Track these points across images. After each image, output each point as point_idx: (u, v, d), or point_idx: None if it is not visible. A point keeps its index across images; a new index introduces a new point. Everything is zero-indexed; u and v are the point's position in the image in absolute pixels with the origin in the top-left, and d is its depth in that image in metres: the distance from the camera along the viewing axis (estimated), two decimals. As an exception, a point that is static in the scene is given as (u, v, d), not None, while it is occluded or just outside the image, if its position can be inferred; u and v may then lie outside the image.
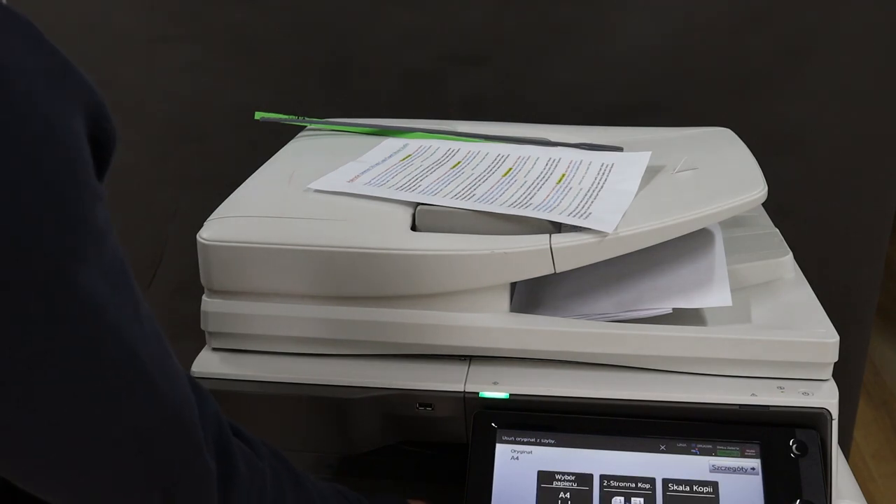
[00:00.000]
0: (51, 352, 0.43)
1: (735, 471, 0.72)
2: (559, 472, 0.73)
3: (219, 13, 1.33)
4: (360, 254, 0.76)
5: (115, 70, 1.35)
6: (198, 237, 0.78)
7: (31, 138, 0.40)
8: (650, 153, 0.89)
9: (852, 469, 0.87)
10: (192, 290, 0.82)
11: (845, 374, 0.81)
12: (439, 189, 0.83)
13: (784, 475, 0.72)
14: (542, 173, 0.88)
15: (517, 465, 0.74)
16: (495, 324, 0.78)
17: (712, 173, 0.85)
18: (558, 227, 0.77)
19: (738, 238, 0.91)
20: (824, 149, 1.35)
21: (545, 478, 0.73)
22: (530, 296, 0.84)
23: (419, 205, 0.80)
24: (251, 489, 0.57)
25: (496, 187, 0.84)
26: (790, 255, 0.90)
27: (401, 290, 0.77)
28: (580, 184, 0.84)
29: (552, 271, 0.75)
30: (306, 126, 1.07)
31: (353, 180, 0.86)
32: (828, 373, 0.76)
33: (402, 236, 0.77)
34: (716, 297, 0.77)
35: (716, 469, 0.72)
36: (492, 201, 0.80)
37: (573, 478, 0.73)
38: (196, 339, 0.82)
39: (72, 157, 0.42)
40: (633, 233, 0.74)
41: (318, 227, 0.78)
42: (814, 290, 0.85)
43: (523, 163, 0.91)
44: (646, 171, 0.85)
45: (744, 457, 0.73)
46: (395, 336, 0.79)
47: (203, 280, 0.80)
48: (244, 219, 0.80)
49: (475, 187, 0.84)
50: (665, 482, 0.72)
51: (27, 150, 0.40)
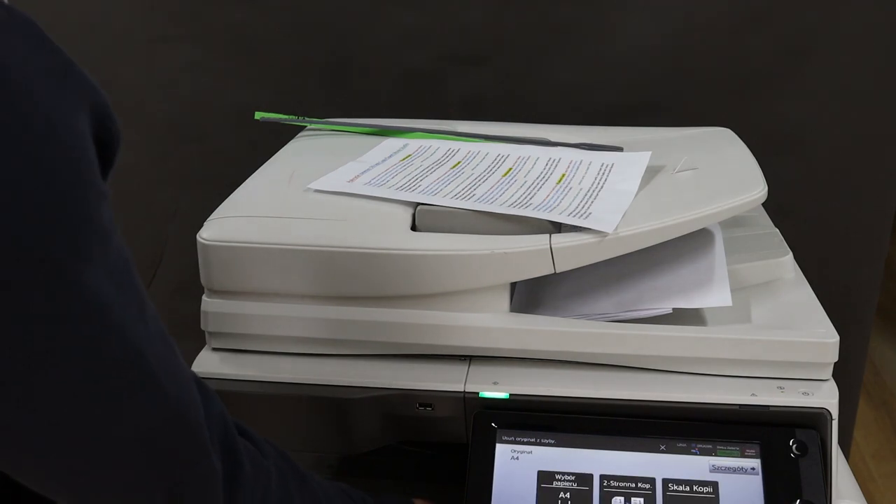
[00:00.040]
0: (54, 351, 0.43)
1: (735, 471, 0.72)
2: (559, 472, 0.73)
3: (219, 13, 1.33)
4: (360, 254, 0.76)
5: (115, 70, 1.35)
6: (198, 237, 0.78)
7: (34, 138, 0.40)
8: (650, 153, 0.89)
9: (852, 469, 0.87)
10: (192, 290, 0.82)
11: (845, 374, 0.81)
12: (439, 189, 0.83)
13: (784, 475, 0.72)
14: (542, 173, 0.88)
15: (517, 465, 0.74)
16: (495, 324, 0.78)
17: (712, 173, 0.85)
18: (558, 227, 0.77)
19: (738, 238, 0.91)
20: (824, 149, 1.35)
21: (545, 478, 0.73)
22: (530, 296, 0.84)
23: (419, 205, 0.80)
24: (256, 488, 0.57)
25: (496, 187, 0.84)
26: (790, 255, 0.90)
27: (401, 290, 0.77)
28: (580, 184, 0.84)
29: (552, 271, 0.75)
30: (306, 126, 1.07)
31: (353, 180, 0.86)
32: (828, 373, 0.76)
33: (402, 236, 0.77)
34: (716, 297, 0.77)
35: (716, 469, 0.72)
36: (492, 201, 0.80)
37: (573, 478, 0.73)
38: (196, 339, 0.82)
39: (76, 156, 0.42)
40: (633, 233, 0.74)
41: (318, 227, 0.78)
42: (814, 290, 0.85)
43: (523, 163, 0.91)
44: (646, 171, 0.85)
45: (744, 457, 0.73)
46: (395, 336, 0.79)
47: (203, 280, 0.80)
48: (244, 219, 0.80)
49: (475, 187, 0.84)
50: (665, 482, 0.72)
51: (31, 150, 0.40)
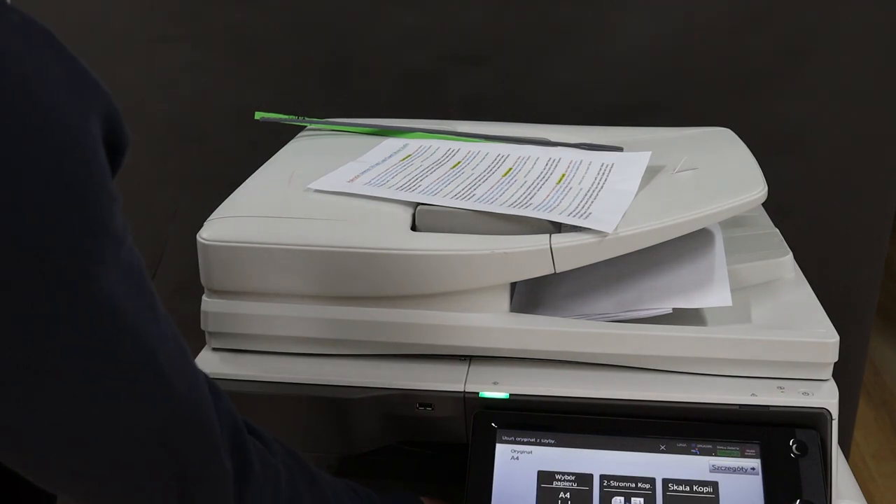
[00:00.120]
0: (69, 352, 0.44)
1: (735, 471, 0.72)
2: (559, 472, 0.73)
3: (219, 13, 1.33)
4: (360, 254, 0.76)
5: (115, 70, 1.35)
6: (198, 237, 0.78)
7: (53, 144, 0.41)
8: (650, 153, 0.89)
9: (852, 469, 0.87)
10: (192, 290, 0.82)
11: (845, 374, 0.81)
12: (439, 189, 0.83)
13: (784, 475, 0.72)
14: (542, 173, 0.88)
15: (517, 465, 0.74)
16: (495, 324, 0.78)
17: (712, 173, 0.85)
18: (558, 227, 0.77)
19: (738, 238, 0.91)
20: (824, 149, 1.35)
21: (545, 478, 0.73)
22: (530, 296, 0.84)
23: (419, 205, 0.80)
24: (265, 486, 0.58)
25: (496, 187, 0.84)
26: (790, 255, 0.90)
27: (401, 290, 0.77)
28: (580, 184, 0.84)
29: (552, 271, 0.75)
30: (306, 126, 1.07)
31: (353, 180, 0.86)
32: (828, 373, 0.76)
33: (402, 236, 0.77)
34: (716, 297, 0.77)
35: (716, 469, 0.72)
36: (492, 201, 0.80)
37: (573, 478, 0.73)
38: (196, 339, 0.82)
39: (90, 160, 0.43)
40: (633, 233, 0.74)
41: (318, 227, 0.78)
42: (814, 290, 0.85)
43: (523, 163, 0.91)
44: (646, 171, 0.85)
45: (744, 457, 0.73)
46: (395, 336, 0.79)
47: (203, 280, 0.80)
48: (244, 219, 0.80)
49: (475, 187, 0.84)
50: (665, 482, 0.72)
51: (49, 155, 0.41)
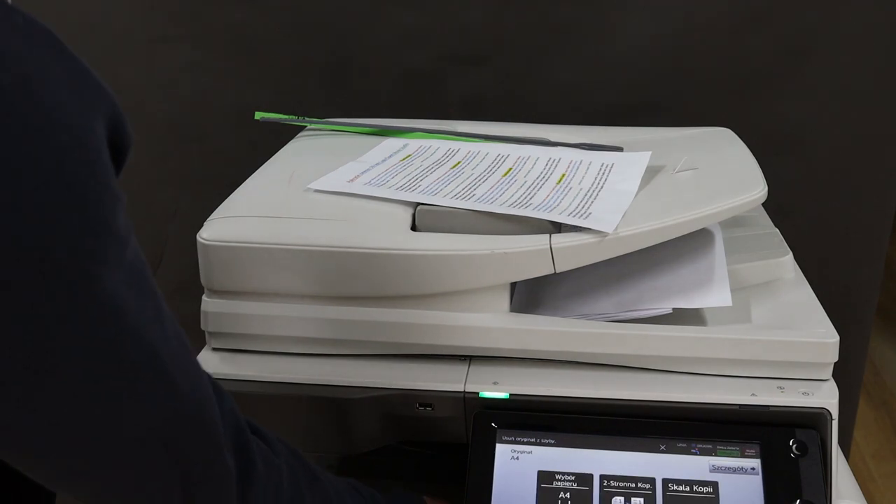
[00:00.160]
0: (69, 352, 0.44)
1: (735, 471, 0.72)
2: (559, 472, 0.73)
3: (219, 13, 1.33)
4: (360, 254, 0.76)
5: (115, 70, 1.35)
6: (198, 237, 0.78)
7: (55, 144, 0.42)
8: (650, 153, 0.89)
9: (852, 469, 0.87)
10: (192, 290, 0.82)
11: (845, 374, 0.81)
12: (439, 189, 0.83)
13: (784, 475, 0.72)
14: (542, 173, 0.88)
15: (517, 465, 0.74)
16: (495, 324, 0.78)
17: (712, 173, 0.85)
18: (558, 227, 0.77)
19: (738, 238, 0.91)
20: (824, 149, 1.35)
21: (545, 478, 0.73)
22: (530, 296, 0.84)
23: (419, 205, 0.80)
24: (268, 487, 0.58)
25: (496, 187, 0.84)
26: (790, 255, 0.90)
27: (401, 290, 0.77)
28: (580, 184, 0.84)
29: (552, 271, 0.75)
30: (306, 126, 1.07)
31: (353, 180, 0.86)
32: (828, 373, 0.76)
33: (402, 236, 0.77)
34: (716, 297, 0.77)
35: (716, 469, 0.72)
36: (492, 201, 0.80)
37: (573, 478, 0.73)
38: (196, 339, 0.82)
39: (93, 160, 0.43)
40: (633, 233, 0.74)
41: (318, 227, 0.78)
42: (814, 290, 0.85)
43: (523, 163, 0.91)
44: (646, 171, 0.85)
45: (744, 457, 0.73)
46: (395, 336, 0.79)
47: (203, 280, 0.80)
48: (244, 219, 0.80)
49: (475, 187, 0.84)
50: (665, 482, 0.72)
51: (52, 155, 0.41)
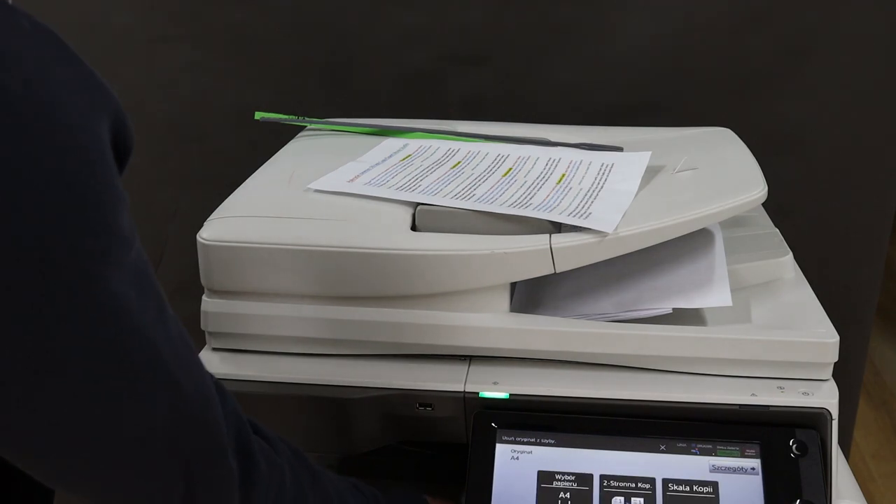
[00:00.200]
0: (72, 352, 0.44)
1: (735, 471, 0.72)
2: (559, 472, 0.73)
3: (219, 13, 1.33)
4: (360, 254, 0.76)
5: (115, 70, 1.35)
6: (198, 237, 0.78)
7: (59, 145, 0.42)
8: (650, 153, 0.89)
9: (852, 469, 0.87)
10: (192, 290, 0.82)
11: (845, 374, 0.81)
12: (439, 189, 0.83)
13: (784, 475, 0.72)
14: (542, 173, 0.88)
15: (517, 465, 0.74)
16: (495, 324, 0.78)
17: (712, 173, 0.85)
18: (558, 227, 0.77)
19: (738, 238, 0.91)
20: (824, 149, 1.35)
21: (545, 478, 0.73)
22: (530, 296, 0.84)
23: (419, 205, 0.80)
24: (270, 487, 0.58)
25: (496, 187, 0.84)
26: (790, 255, 0.90)
27: (401, 290, 0.77)
28: (580, 184, 0.84)
29: (552, 271, 0.75)
30: (306, 126, 1.07)
31: (353, 180, 0.86)
32: (828, 373, 0.76)
33: (402, 236, 0.77)
34: (716, 297, 0.77)
35: (716, 469, 0.72)
36: (492, 201, 0.80)
37: (573, 478, 0.73)
38: (196, 339, 0.82)
39: (97, 161, 0.44)
40: (633, 233, 0.74)
41: (318, 227, 0.78)
42: (814, 290, 0.85)
43: (523, 163, 0.91)
44: (646, 171, 0.85)
45: (744, 457, 0.73)
46: (395, 336, 0.79)
47: (203, 280, 0.80)
48: (244, 219, 0.80)
49: (475, 187, 0.84)
50: (665, 482, 0.72)
51: (56, 156, 0.42)
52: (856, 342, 1.44)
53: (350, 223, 0.79)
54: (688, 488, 0.72)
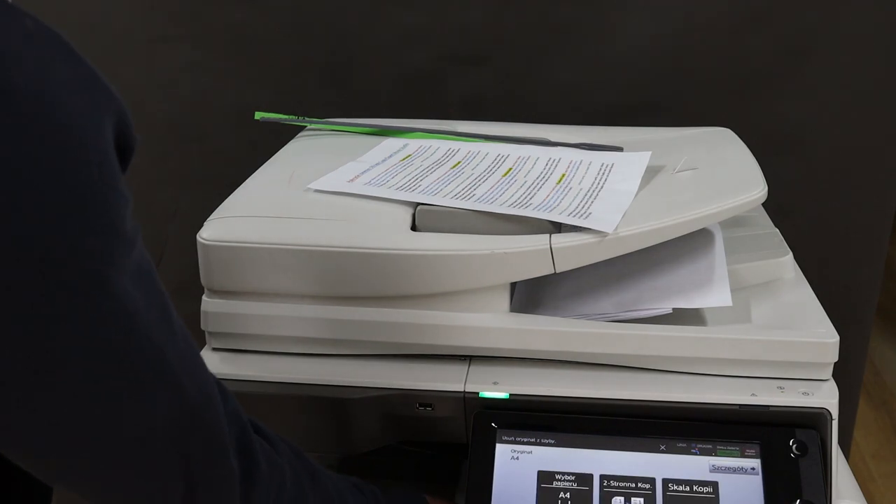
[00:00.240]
0: (72, 352, 0.44)
1: (735, 471, 0.72)
2: (559, 472, 0.73)
3: (219, 13, 1.33)
4: (360, 254, 0.76)
5: (115, 70, 1.34)
6: (198, 237, 0.78)
7: (64, 146, 0.42)
8: (650, 153, 0.89)
9: (852, 469, 0.87)
10: (192, 290, 0.82)
11: (845, 374, 0.81)
12: (439, 189, 0.83)
13: (784, 475, 0.72)
14: (542, 173, 0.88)
15: (517, 465, 0.74)
16: (495, 324, 0.78)
17: (712, 173, 0.85)
18: (558, 227, 0.77)
19: (738, 238, 0.91)
20: (824, 149, 1.35)
21: (545, 478, 0.73)
22: (530, 296, 0.84)
23: (419, 205, 0.80)
24: (271, 487, 0.58)
25: (496, 187, 0.84)
26: (790, 255, 0.90)
27: (401, 290, 0.77)
28: (580, 184, 0.84)
29: (552, 271, 0.75)
30: (306, 126, 1.07)
31: (353, 180, 0.86)
32: (828, 373, 0.76)
33: (402, 236, 0.77)
34: (716, 297, 0.77)
35: (716, 469, 0.72)
36: (492, 201, 0.80)
37: (573, 478, 0.73)
38: (196, 339, 0.82)
39: (101, 162, 0.44)
40: (633, 233, 0.74)
41: (318, 227, 0.78)
42: (814, 290, 0.85)
43: (523, 163, 0.91)
44: (646, 171, 0.85)
45: (744, 457, 0.73)
46: (395, 336, 0.79)
47: (203, 280, 0.80)
48: (244, 219, 0.80)
49: (475, 187, 0.84)
50: (665, 482, 0.72)
51: (60, 157, 0.42)
52: (856, 342, 1.44)
53: (350, 223, 0.79)
54: (688, 488, 0.72)
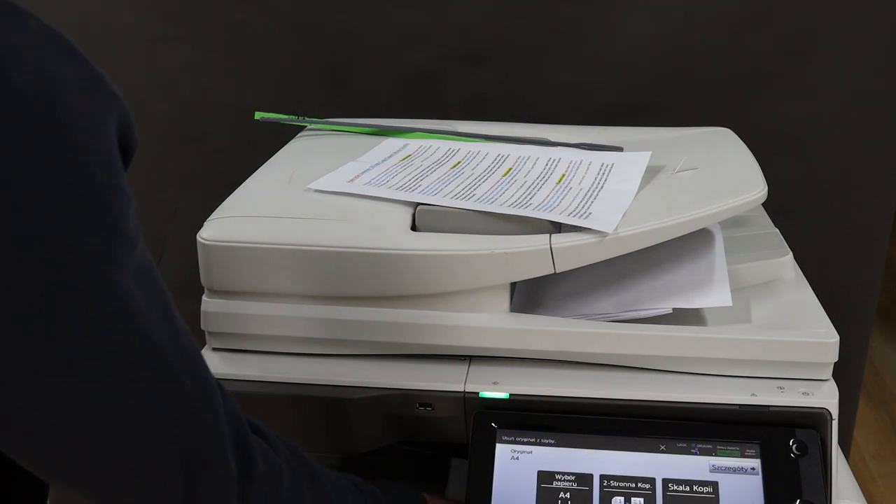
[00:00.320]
0: (73, 351, 0.44)
1: (735, 471, 0.72)
2: (559, 472, 0.73)
3: (219, 13, 1.33)
4: (360, 254, 0.76)
5: (115, 70, 1.34)
6: (198, 237, 0.78)
7: (68, 147, 0.42)
8: (650, 153, 0.89)
9: (852, 469, 0.87)
10: (192, 290, 0.82)
11: (845, 374, 0.81)
12: (439, 189, 0.83)
13: (784, 475, 0.72)
14: (542, 173, 0.88)
15: (517, 465, 0.74)
16: (495, 324, 0.78)
17: (712, 173, 0.85)
18: (558, 227, 0.77)
19: (738, 238, 0.91)
20: (824, 149, 1.35)
21: (545, 478, 0.73)
22: (530, 296, 0.84)
23: (419, 205, 0.80)
24: (269, 485, 0.58)
25: (496, 187, 0.84)
26: (790, 255, 0.90)
27: (401, 290, 0.77)
28: (580, 184, 0.85)
29: (552, 271, 0.75)
30: (306, 126, 1.07)
31: (353, 180, 0.86)
32: (828, 373, 0.76)
33: (402, 236, 0.77)
34: (716, 297, 0.77)
35: (716, 469, 0.72)
36: (492, 201, 0.80)
37: (573, 478, 0.73)
38: (196, 339, 0.82)
39: (105, 163, 0.44)
40: (633, 233, 0.74)
41: (318, 227, 0.78)
42: (814, 290, 0.85)
43: (523, 163, 0.91)
44: (646, 171, 0.85)
45: (744, 457, 0.73)
46: (395, 336, 0.79)
47: (203, 280, 0.80)
48: (244, 219, 0.80)
49: (475, 187, 0.84)
50: (665, 482, 0.72)
51: (64, 158, 0.42)
52: (856, 342, 1.44)
53: (350, 223, 0.79)
54: (688, 488, 0.72)
